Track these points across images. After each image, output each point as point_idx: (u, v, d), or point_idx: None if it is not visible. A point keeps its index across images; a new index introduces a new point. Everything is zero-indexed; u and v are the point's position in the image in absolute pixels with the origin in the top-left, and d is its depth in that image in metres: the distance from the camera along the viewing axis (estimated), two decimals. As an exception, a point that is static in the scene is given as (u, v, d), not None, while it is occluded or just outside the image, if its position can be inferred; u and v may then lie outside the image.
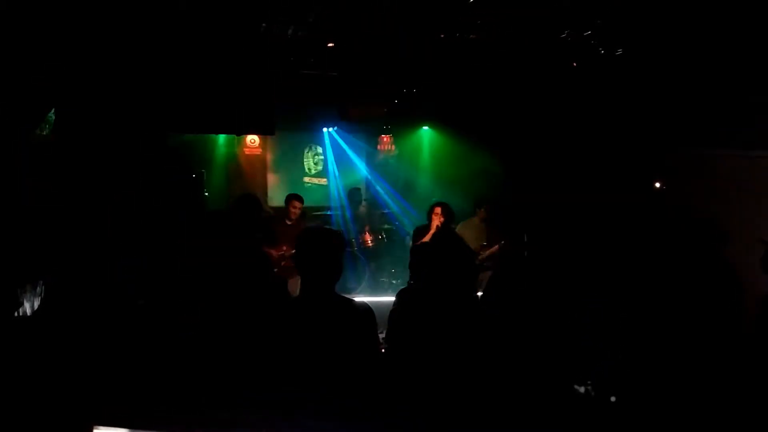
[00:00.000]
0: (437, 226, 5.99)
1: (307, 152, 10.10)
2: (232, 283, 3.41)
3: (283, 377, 2.51)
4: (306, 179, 10.13)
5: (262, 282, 3.67)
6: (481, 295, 3.99)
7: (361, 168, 10.20)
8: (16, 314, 4.02)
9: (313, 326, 2.60)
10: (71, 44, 4.85)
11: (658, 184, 6.29)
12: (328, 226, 7.48)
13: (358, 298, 4.51)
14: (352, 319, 2.68)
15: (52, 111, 5.00)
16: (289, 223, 6.60)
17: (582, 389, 2.81)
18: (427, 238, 5.86)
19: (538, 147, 7.36)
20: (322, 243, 2.71)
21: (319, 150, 10.11)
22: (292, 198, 6.71)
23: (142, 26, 4.89)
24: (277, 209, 9.64)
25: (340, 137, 9.99)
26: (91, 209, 5.25)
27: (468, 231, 6.48)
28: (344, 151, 10.12)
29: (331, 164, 10.11)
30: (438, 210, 6.11)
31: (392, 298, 3.95)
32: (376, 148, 10.36)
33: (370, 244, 8.20)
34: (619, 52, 5.48)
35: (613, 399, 2.81)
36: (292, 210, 6.63)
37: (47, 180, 4.79)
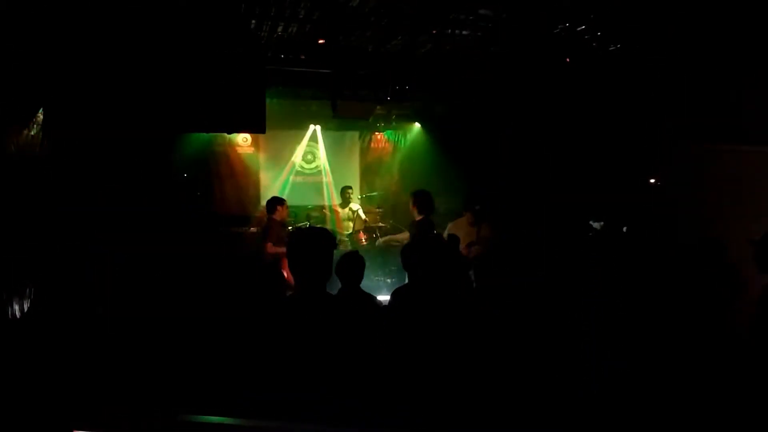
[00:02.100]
0: None
1: (300, 150, 10.06)
2: (231, 285, 3.38)
3: (278, 378, 2.48)
4: (299, 178, 10.09)
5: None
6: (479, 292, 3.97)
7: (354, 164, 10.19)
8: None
9: (308, 326, 2.58)
10: (61, 43, 4.78)
11: (653, 180, 6.28)
12: (320, 225, 7.47)
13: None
14: (345, 317, 2.67)
15: (41, 110, 4.93)
16: (281, 222, 6.74)
17: (582, 388, 2.79)
18: None
19: (533, 145, 7.33)
20: (313, 243, 2.70)
21: (312, 147, 10.08)
22: (284, 201, 6.86)
23: (132, 26, 4.83)
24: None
25: (334, 134, 9.96)
26: (79, 208, 5.19)
27: (458, 231, 6.50)
28: (338, 148, 10.10)
29: (324, 161, 10.09)
30: None
31: (387, 297, 3.92)
32: (369, 145, 10.36)
33: (364, 243, 8.15)
34: (613, 47, 5.46)
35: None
36: (287, 211, 6.83)
37: (34, 182, 4.73)
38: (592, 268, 4.67)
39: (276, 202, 7.00)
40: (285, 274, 6.05)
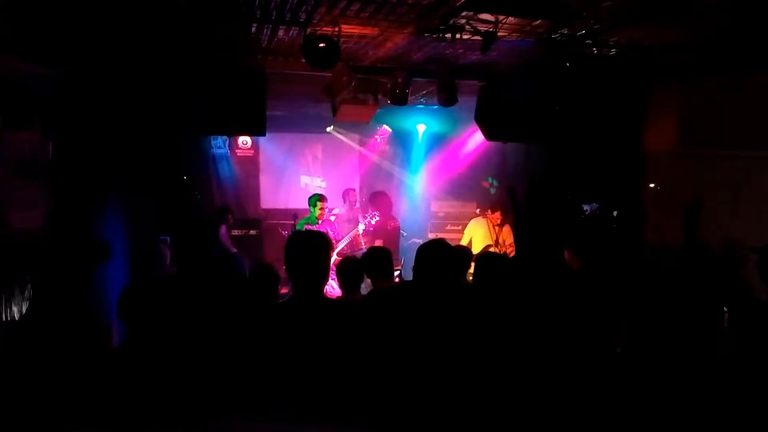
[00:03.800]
0: None
1: (299, 152, 10.09)
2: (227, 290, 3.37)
3: (275, 382, 2.47)
4: (294, 180, 10.12)
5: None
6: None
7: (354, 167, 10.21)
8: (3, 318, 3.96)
9: (304, 330, 2.58)
10: (63, 46, 4.79)
11: (652, 185, 6.29)
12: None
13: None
14: (341, 322, 2.66)
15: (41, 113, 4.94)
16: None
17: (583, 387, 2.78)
18: None
19: (532, 149, 7.35)
20: (310, 246, 2.70)
21: (311, 149, 10.11)
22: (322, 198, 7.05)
23: (133, 29, 4.85)
24: (268, 211, 9.62)
25: (334, 137, 9.99)
26: (81, 211, 5.20)
27: (478, 230, 6.61)
28: (338, 150, 10.13)
29: (324, 165, 10.12)
30: None
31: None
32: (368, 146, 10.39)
33: (364, 246, 8.15)
34: (613, 52, 5.47)
35: None
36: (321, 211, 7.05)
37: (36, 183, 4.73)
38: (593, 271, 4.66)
39: (317, 198, 7.11)
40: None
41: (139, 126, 5.49)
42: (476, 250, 6.68)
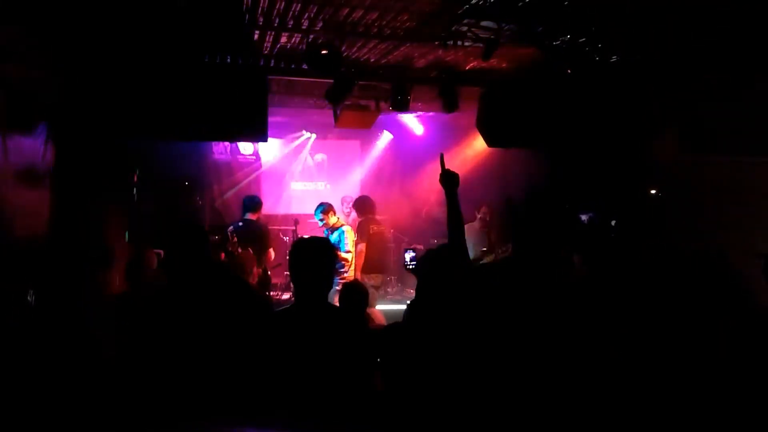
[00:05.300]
0: None
1: (300, 158, 10.11)
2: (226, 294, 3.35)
3: (278, 388, 2.47)
4: (296, 186, 10.13)
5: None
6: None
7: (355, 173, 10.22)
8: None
9: (308, 336, 2.57)
10: (65, 52, 4.80)
11: (653, 191, 6.29)
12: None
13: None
14: (345, 329, 2.65)
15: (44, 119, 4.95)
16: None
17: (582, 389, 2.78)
18: None
19: (534, 153, 7.35)
20: (315, 253, 2.68)
21: (313, 156, 10.13)
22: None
23: (135, 35, 4.86)
24: (269, 217, 9.62)
25: (333, 142, 10.01)
26: (83, 218, 5.20)
27: (468, 237, 6.50)
28: (340, 156, 10.15)
29: (325, 170, 10.15)
30: None
31: (386, 308, 3.91)
32: (370, 152, 10.40)
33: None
34: (614, 59, 5.48)
35: None
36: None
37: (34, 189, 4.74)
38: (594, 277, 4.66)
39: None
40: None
41: (141, 131, 5.49)
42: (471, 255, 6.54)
